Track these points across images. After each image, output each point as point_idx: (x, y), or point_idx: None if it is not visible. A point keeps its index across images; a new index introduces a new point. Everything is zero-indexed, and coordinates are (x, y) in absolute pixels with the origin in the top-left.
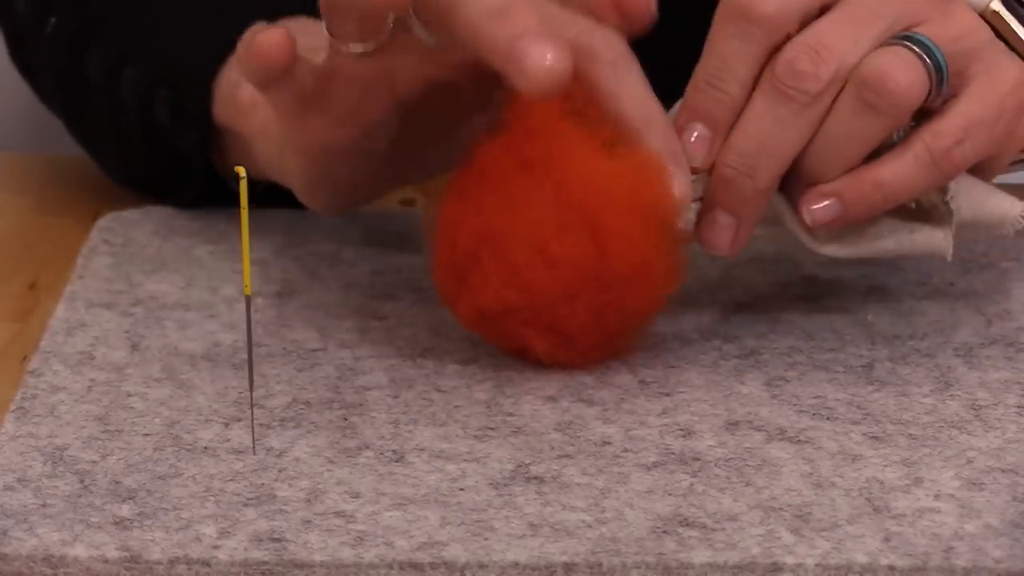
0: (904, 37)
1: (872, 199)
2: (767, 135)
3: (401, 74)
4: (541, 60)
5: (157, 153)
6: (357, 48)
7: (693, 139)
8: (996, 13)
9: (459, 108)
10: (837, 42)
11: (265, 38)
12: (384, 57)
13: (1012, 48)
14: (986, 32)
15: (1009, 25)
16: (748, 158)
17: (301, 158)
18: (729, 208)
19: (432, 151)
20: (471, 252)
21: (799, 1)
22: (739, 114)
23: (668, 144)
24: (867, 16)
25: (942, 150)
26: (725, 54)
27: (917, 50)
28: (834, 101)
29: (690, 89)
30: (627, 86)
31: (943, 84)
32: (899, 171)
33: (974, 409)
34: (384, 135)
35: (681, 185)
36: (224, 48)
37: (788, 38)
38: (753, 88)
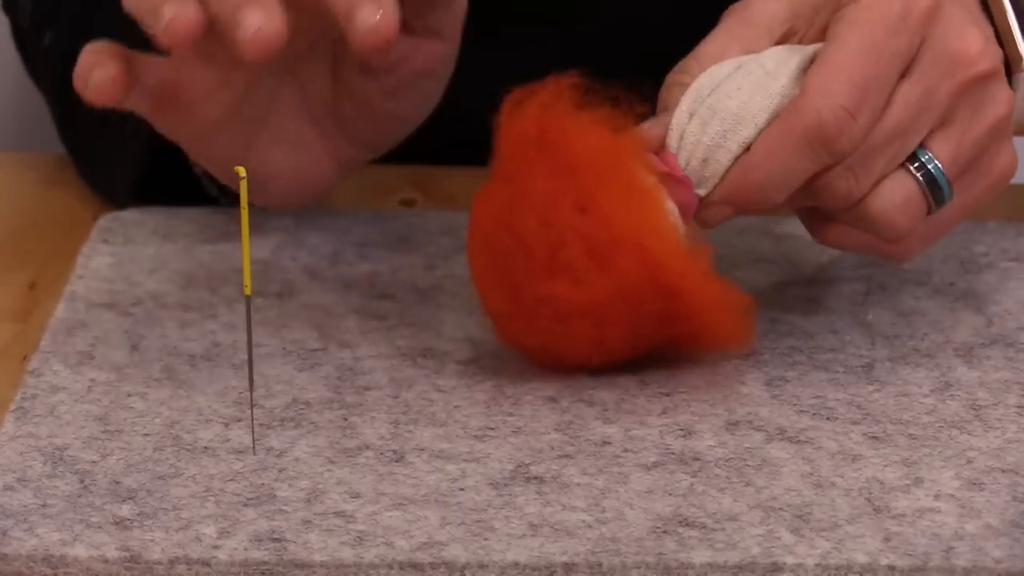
0: (919, 163)
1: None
2: (788, 173)
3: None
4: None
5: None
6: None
7: (719, 214)
8: None
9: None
10: (878, 163)
11: (96, 79)
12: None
13: (997, 33)
14: (1006, 119)
15: (1004, 9)
16: (766, 189)
17: (190, 149)
18: (735, 207)
19: (355, 119)
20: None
21: (871, 126)
22: None
23: None
24: (913, 125)
25: (902, 254)
26: (792, 170)
27: (927, 189)
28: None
29: (740, 180)
30: None
31: (943, 204)
32: (849, 241)
33: (974, 409)
34: (256, 103)
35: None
36: None
37: None
38: None
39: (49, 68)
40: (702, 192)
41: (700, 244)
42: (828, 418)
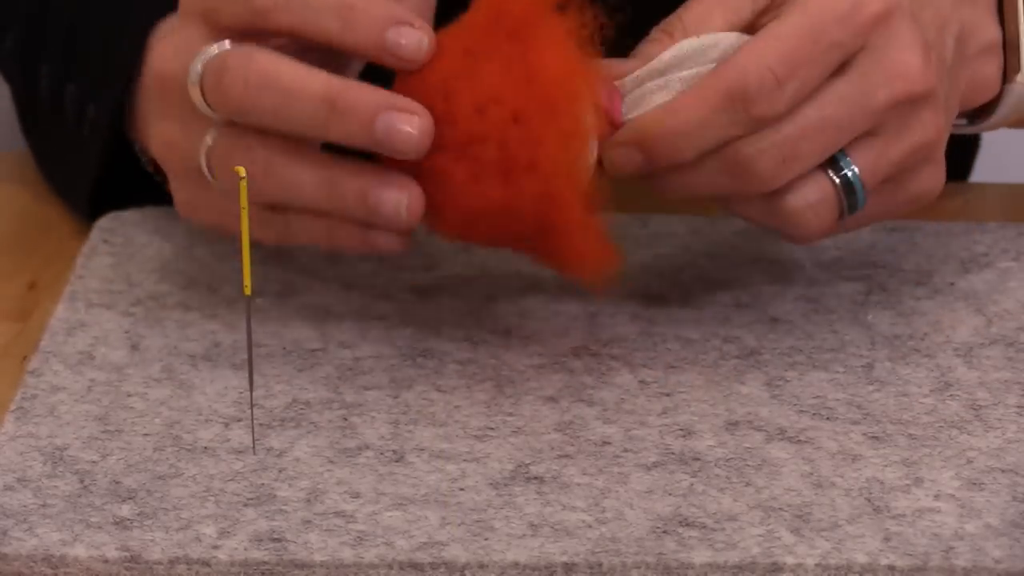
0: (839, 168)
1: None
2: (703, 130)
3: None
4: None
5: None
6: None
7: (626, 157)
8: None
9: None
10: (806, 151)
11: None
12: None
13: (1005, 39)
14: (938, 137)
15: (1017, 17)
16: (678, 143)
17: None
18: (645, 153)
19: None
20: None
21: (796, 101)
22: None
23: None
24: (843, 121)
25: (803, 237)
26: (707, 124)
27: (841, 191)
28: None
29: (654, 122)
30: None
31: (856, 208)
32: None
33: (974, 409)
34: None
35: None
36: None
37: None
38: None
39: (11, 70)
40: None
41: (599, 195)
42: (828, 418)
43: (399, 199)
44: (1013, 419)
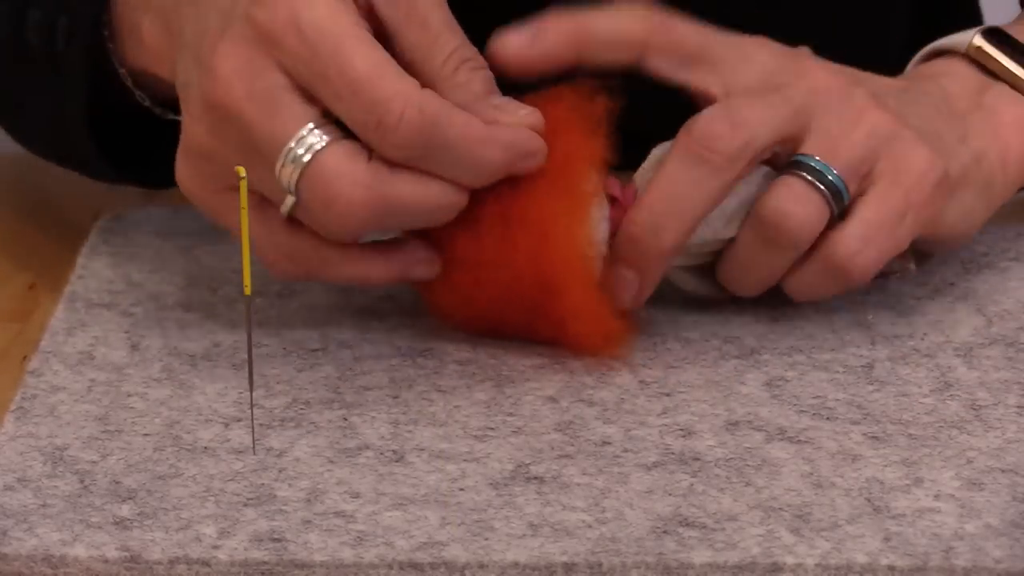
0: (800, 164)
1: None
2: (677, 195)
3: None
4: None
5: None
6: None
7: (621, 281)
8: (979, 48)
9: None
10: (751, 117)
11: None
12: None
13: (1001, 80)
14: (893, 123)
15: (995, 59)
16: (656, 216)
17: None
18: (633, 265)
19: None
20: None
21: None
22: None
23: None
24: (780, 98)
25: (843, 258)
26: (681, 181)
27: (813, 180)
28: (741, 233)
29: (629, 227)
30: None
31: (843, 201)
32: (807, 280)
33: (974, 409)
34: None
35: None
36: None
37: None
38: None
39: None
40: None
41: (604, 265)
42: (828, 418)
43: None
44: (1013, 419)
